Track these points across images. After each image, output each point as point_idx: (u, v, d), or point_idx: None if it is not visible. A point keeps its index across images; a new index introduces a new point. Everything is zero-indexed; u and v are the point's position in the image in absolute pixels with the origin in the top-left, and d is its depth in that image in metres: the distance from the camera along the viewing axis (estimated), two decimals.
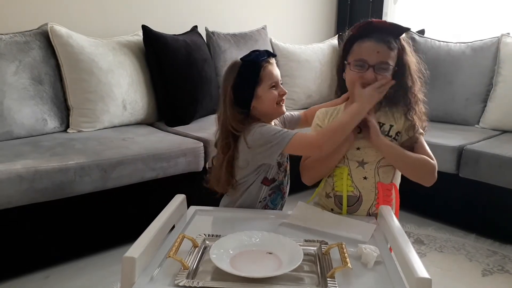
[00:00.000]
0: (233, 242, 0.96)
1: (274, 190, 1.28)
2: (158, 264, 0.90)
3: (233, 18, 2.99)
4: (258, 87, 1.20)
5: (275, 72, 1.22)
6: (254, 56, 1.21)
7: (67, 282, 1.66)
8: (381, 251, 0.97)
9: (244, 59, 1.21)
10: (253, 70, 1.20)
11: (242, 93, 1.20)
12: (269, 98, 1.21)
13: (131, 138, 2.00)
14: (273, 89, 1.21)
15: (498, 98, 2.41)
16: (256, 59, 1.20)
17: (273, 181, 1.27)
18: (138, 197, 1.88)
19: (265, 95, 1.21)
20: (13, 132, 1.91)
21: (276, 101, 1.22)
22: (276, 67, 1.24)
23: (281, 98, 1.23)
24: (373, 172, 1.20)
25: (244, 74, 1.20)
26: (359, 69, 1.16)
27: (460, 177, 2.07)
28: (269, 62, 1.22)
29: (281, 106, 1.25)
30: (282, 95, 1.24)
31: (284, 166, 1.29)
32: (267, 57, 1.22)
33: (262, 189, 1.26)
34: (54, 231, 1.72)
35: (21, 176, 1.53)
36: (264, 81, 1.20)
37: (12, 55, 1.93)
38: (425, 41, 2.73)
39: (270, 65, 1.22)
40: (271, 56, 1.23)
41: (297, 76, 2.91)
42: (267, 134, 1.16)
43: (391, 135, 1.20)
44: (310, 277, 0.88)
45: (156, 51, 2.29)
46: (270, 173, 1.26)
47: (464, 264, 1.84)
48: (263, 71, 1.20)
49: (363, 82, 1.16)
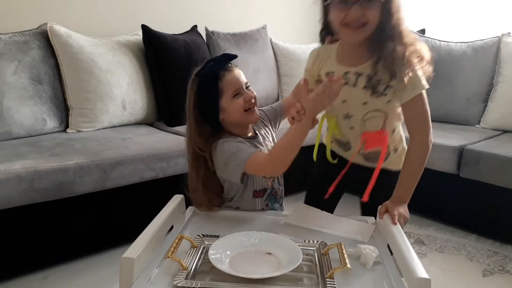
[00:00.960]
0: (232, 242, 0.96)
1: (269, 199, 1.24)
2: (156, 265, 0.90)
3: (233, 18, 2.99)
4: (220, 99, 1.13)
5: (235, 78, 1.14)
6: (208, 69, 1.12)
7: (66, 283, 1.66)
8: (380, 251, 0.97)
9: (198, 73, 1.13)
10: (210, 83, 1.12)
11: (207, 110, 1.14)
12: (234, 108, 1.13)
13: (131, 138, 1.99)
14: (237, 97, 1.13)
15: (498, 98, 2.41)
16: (210, 71, 1.12)
17: (265, 191, 1.22)
18: (137, 197, 1.88)
19: (230, 106, 1.13)
20: (12, 132, 1.91)
21: (244, 108, 1.14)
22: (236, 72, 1.15)
23: (248, 104, 1.15)
24: (358, 123, 1.18)
25: (202, 89, 1.12)
26: (342, 7, 1.02)
27: (460, 177, 2.07)
28: (227, 69, 1.13)
29: (252, 113, 1.16)
30: (249, 100, 1.15)
31: None
32: (224, 65, 1.14)
33: (257, 202, 1.21)
34: (53, 231, 1.72)
35: (20, 176, 1.53)
36: (225, 92, 1.13)
37: (11, 55, 1.93)
38: (425, 40, 2.72)
39: (229, 72, 1.13)
40: (229, 60, 1.15)
41: (297, 76, 2.89)
42: (227, 153, 1.11)
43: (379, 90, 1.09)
44: (309, 277, 0.87)
45: (156, 51, 2.29)
46: (257, 185, 1.20)
47: (464, 265, 1.83)
48: (221, 81, 1.12)
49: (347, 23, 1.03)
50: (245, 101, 1.14)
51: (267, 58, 2.83)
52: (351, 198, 2.67)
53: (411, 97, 1.08)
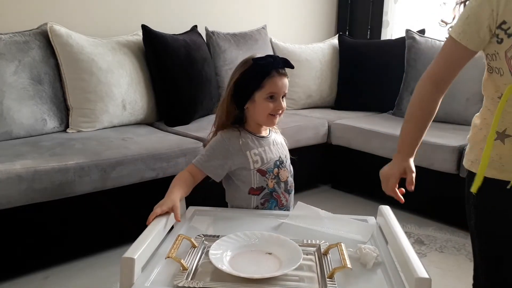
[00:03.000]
0: (232, 242, 0.96)
1: (267, 198, 1.26)
2: (157, 265, 0.90)
3: (233, 18, 2.99)
4: (257, 92, 1.20)
5: (279, 84, 1.20)
6: (265, 61, 1.19)
7: (67, 283, 1.66)
8: (381, 251, 0.97)
9: (255, 60, 1.20)
10: (258, 74, 1.19)
11: (241, 91, 1.21)
12: (262, 107, 1.21)
13: (131, 138, 1.99)
14: (269, 100, 1.20)
15: None
16: (265, 65, 1.19)
17: (262, 189, 1.25)
18: (137, 197, 1.87)
19: (260, 102, 1.21)
20: (12, 132, 1.91)
21: (269, 112, 1.22)
22: (284, 80, 1.22)
23: (275, 111, 1.22)
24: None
25: (249, 74, 1.20)
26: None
27: (460, 177, 2.06)
28: (279, 72, 1.20)
29: (273, 118, 1.24)
30: (277, 110, 1.22)
31: (275, 173, 1.26)
32: (280, 67, 1.21)
33: (252, 199, 1.25)
34: (53, 231, 1.72)
35: (20, 176, 1.53)
36: (264, 89, 1.20)
37: (11, 55, 1.93)
38: (425, 41, 2.72)
39: (278, 75, 1.20)
40: (286, 67, 1.22)
41: (297, 76, 2.91)
42: (208, 145, 1.26)
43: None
44: (309, 277, 0.87)
45: (156, 51, 2.28)
46: (254, 182, 1.24)
47: (464, 264, 1.83)
48: (267, 78, 1.19)
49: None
50: (274, 108, 1.21)
51: None
52: (350, 198, 2.68)
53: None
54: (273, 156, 1.27)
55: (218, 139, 1.25)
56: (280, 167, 1.27)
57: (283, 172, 1.27)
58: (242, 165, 1.23)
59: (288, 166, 1.31)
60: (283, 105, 1.23)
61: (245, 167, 1.23)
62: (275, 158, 1.27)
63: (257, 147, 1.25)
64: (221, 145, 1.23)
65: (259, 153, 1.24)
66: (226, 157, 1.23)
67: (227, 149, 1.22)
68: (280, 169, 1.27)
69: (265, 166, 1.25)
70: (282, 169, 1.27)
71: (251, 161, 1.23)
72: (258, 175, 1.24)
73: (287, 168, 1.30)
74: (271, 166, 1.25)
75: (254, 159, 1.24)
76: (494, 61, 0.93)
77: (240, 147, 1.23)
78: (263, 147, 1.26)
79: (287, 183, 1.29)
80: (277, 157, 1.27)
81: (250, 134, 1.26)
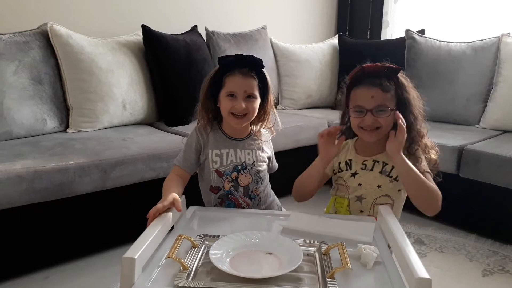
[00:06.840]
0: (232, 242, 0.96)
1: (223, 199, 1.26)
2: (157, 265, 0.90)
3: (233, 18, 2.99)
4: (222, 89, 1.23)
5: (240, 83, 1.19)
6: (227, 60, 1.21)
7: (67, 283, 1.66)
8: (381, 251, 0.97)
9: (219, 58, 1.23)
10: (220, 71, 1.22)
11: (212, 89, 1.24)
12: (223, 105, 1.23)
13: (131, 138, 1.99)
14: (230, 98, 1.20)
15: (498, 98, 2.41)
16: (226, 64, 1.21)
17: (218, 189, 1.26)
18: (138, 197, 1.87)
19: (222, 100, 1.23)
20: (12, 132, 1.91)
21: (230, 111, 1.21)
22: (248, 81, 1.20)
23: (236, 110, 1.20)
24: (369, 206, 1.24)
25: (216, 72, 1.24)
26: (358, 115, 1.21)
27: (460, 177, 2.07)
28: (242, 72, 1.19)
29: (235, 119, 1.22)
30: (237, 109, 1.20)
31: (233, 176, 1.25)
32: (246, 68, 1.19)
33: (211, 196, 1.27)
34: (53, 231, 1.72)
35: (20, 176, 1.53)
36: (225, 87, 1.22)
37: (11, 55, 1.93)
38: (425, 41, 2.72)
39: (241, 75, 1.19)
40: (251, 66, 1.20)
41: (297, 76, 2.91)
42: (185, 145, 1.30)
43: (392, 175, 1.23)
44: (310, 277, 0.87)
45: (156, 51, 2.29)
46: (212, 181, 1.26)
47: (464, 264, 1.83)
48: (227, 77, 1.21)
49: (364, 126, 1.20)
50: (233, 106, 1.20)
51: (267, 58, 2.83)
52: None
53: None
54: (235, 160, 1.25)
55: (191, 134, 1.29)
56: (241, 172, 1.25)
57: (243, 177, 1.26)
58: (205, 161, 1.26)
59: (254, 173, 1.27)
60: (242, 105, 1.19)
61: (206, 165, 1.26)
62: (237, 162, 1.25)
63: (220, 148, 1.25)
64: (193, 140, 1.27)
65: (220, 154, 1.25)
66: (198, 151, 1.26)
67: (198, 143, 1.26)
68: (241, 174, 1.25)
69: (223, 168, 1.25)
70: (242, 174, 1.26)
71: (210, 160, 1.25)
72: (215, 175, 1.25)
73: (250, 174, 1.26)
74: (229, 170, 1.25)
75: (214, 159, 1.25)
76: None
77: (206, 143, 1.26)
78: (228, 149, 1.26)
79: (248, 188, 1.27)
80: (240, 162, 1.25)
81: (222, 133, 1.28)
